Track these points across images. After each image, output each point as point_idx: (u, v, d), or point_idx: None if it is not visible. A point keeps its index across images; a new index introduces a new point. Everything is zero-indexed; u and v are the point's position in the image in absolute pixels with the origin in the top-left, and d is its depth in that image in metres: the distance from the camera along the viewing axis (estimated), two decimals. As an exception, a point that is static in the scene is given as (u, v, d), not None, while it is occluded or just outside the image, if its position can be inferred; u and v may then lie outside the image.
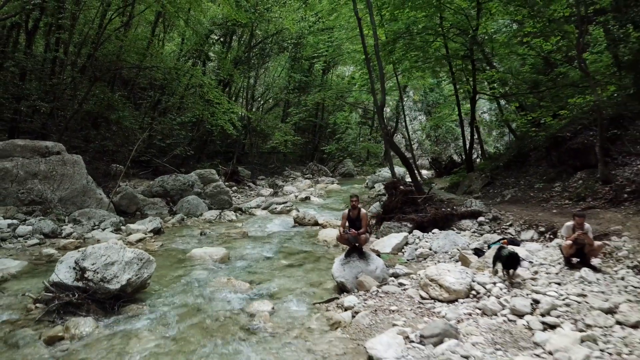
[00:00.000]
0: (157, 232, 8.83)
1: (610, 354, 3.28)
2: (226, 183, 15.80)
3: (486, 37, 12.18)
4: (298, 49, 23.84)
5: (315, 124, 29.43)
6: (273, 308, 4.83)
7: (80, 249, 5.25)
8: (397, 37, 10.86)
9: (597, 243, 4.85)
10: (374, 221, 8.60)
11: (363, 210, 5.64)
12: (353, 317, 4.39)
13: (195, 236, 8.73)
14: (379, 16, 11.85)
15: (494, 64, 13.49)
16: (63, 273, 4.88)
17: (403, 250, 6.84)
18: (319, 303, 4.98)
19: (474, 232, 7.29)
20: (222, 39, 21.53)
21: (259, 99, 28.12)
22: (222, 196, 12.74)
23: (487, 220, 7.46)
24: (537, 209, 7.67)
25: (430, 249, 6.50)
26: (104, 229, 8.55)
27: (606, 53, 8.67)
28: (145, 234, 8.46)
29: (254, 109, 25.25)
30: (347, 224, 5.61)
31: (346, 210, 5.71)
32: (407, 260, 6.38)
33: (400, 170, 19.12)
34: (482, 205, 7.97)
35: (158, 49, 16.54)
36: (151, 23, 17.37)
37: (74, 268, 4.94)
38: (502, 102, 16.34)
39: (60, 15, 12.07)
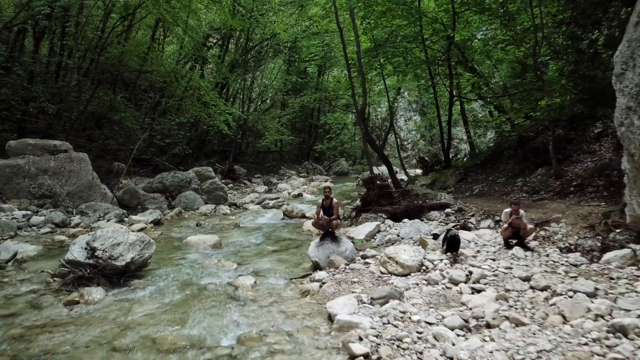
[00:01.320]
0: (156, 223, 9.68)
1: (516, 308, 4.13)
2: (222, 180, 16.65)
3: (468, 43, 13.03)
4: (293, 52, 24.70)
5: (311, 124, 30.32)
6: (255, 282, 5.67)
7: (90, 232, 6.10)
8: (379, 45, 11.70)
9: (529, 226, 5.70)
10: (354, 213, 9.44)
11: (335, 200, 6.48)
12: (320, 287, 5.23)
13: (192, 227, 9.58)
14: (367, 23, 12.66)
15: (475, 67, 14.31)
16: (76, 252, 5.72)
17: (375, 236, 7.68)
18: (295, 278, 5.82)
19: (441, 221, 8.13)
20: (219, 43, 22.40)
21: (256, 99, 29.01)
22: (217, 192, 13.58)
23: (453, 212, 8.31)
24: (498, 201, 8.52)
25: (398, 235, 7.34)
26: (108, 220, 9.38)
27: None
28: (146, 225, 9.30)
29: (251, 110, 26.10)
30: (321, 211, 6.45)
31: (320, 200, 6.56)
32: (377, 245, 7.22)
33: (384, 168, 20.03)
34: (450, 198, 8.83)
35: (158, 52, 17.37)
36: (151, 27, 18.24)
37: (86, 248, 5.78)
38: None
39: (67, 23, 12.90)
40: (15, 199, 9.42)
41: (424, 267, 5.46)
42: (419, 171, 25.87)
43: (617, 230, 5.50)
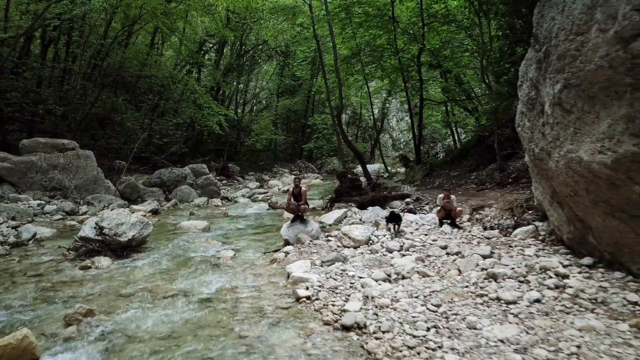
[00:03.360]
0: (154, 212, 10.92)
1: (428, 266, 5.37)
2: (217, 177, 17.88)
3: (441, 51, 14.25)
4: (286, 56, 25.97)
5: (304, 125, 31.60)
6: (235, 254, 6.91)
7: (98, 215, 7.33)
8: (356, 53, 12.95)
9: (458, 209, 6.94)
10: (329, 204, 10.68)
11: (304, 188, 7.72)
12: (285, 256, 6.46)
13: (185, 215, 10.82)
14: (346, 33, 13.90)
15: (449, 71, 15.51)
16: (87, 230, 6.95)
17: (342, 221, 8.92)
18: (267, 252, 7.06)
19: (401, 209, 9.36)
20: (215, 47, 23.67)
21: (253, 100, 30.28)
22: (211, 187, 14.82)
23: (412, 201, 9.55)
24: (451, 191, 9.75)
25: (361, 220, 8.58)
26: (112, 210, 10.59)
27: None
28: (145, 214, 10.53)
29: (246, 110, 27.34)
30: (292, 198, 7.69)
31: (291, 188, 7.79)
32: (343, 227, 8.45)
33: (375, 166, 21.41)
34: (412, 190, 10.07)
35: (157, 57, 18.61)
36: (150, 33, 19.48)
37: (95, 227, 7.02)
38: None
39: (73, 33, 14.13)
40: (29, 191, 10.65)
41: (371, 241, 6.70)
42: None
43: (529, 212, 6.75)
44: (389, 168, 18.86)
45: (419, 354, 3.41)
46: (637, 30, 3.80)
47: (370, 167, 23.04)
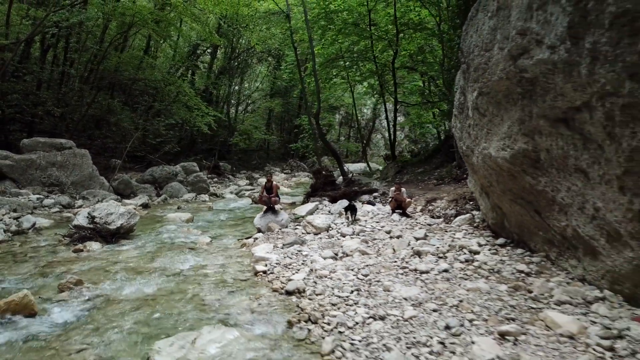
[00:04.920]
0: (145, 206, 11.81)
1: (369, 246, 6.26)
2: (208, 175, 18.77)
3: (417, 55, 15.15)
4: (278, 59, 26.89)
5: (297, 125, 32.50)
6: (211, 241, 7.80)
7: (91, 206, 8.22)
8: (333, 58, 13.87)
9: (407, 200, 7.85)
10: (305, 198, 11.57)
11: (275, 183, 8.63)
12: (254, 241, 7.36)
13: (173, 209, 11.71)
14: (325, 40, 14.81)
15: (426, 73, 16.38)
16: (81, 219, 7.85)
17: (314, 213, 9.81)
18: (240, 238, 7.95)
19: (368, 202, 10.26)
20: (209, 51, 24.58)
21: (246, 101, 31.19)
22: (200, 184, 15.71)
23: (378, 195, 10.45)
24: (413, 186, 10.67)
25: (329, 211, 9.48)
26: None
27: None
28: (136, 207, 11.41)
29: (240, 111, 28.24)
30: (264, 192, 8.59)
31: (264, 182, 8.69)
32: (312, 218, 9.35)
33: (362, 165, 22.35)
34: (379, 185, 10.98)
35: (151, 60, 19.52)
36: (146, 37, 20.39)
37: (87, 217, 7.91)
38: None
39: (72, 39, 15.03)
40: (29, 187, 11.55)
41: (330, 228, 7.60)
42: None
43: (470, 202, 7.65)
44: (371, 165, 19.79)
45: (338, 308, 4.30)
46: (521, 50, 4.69)
47: (358, 166, 24.02)
